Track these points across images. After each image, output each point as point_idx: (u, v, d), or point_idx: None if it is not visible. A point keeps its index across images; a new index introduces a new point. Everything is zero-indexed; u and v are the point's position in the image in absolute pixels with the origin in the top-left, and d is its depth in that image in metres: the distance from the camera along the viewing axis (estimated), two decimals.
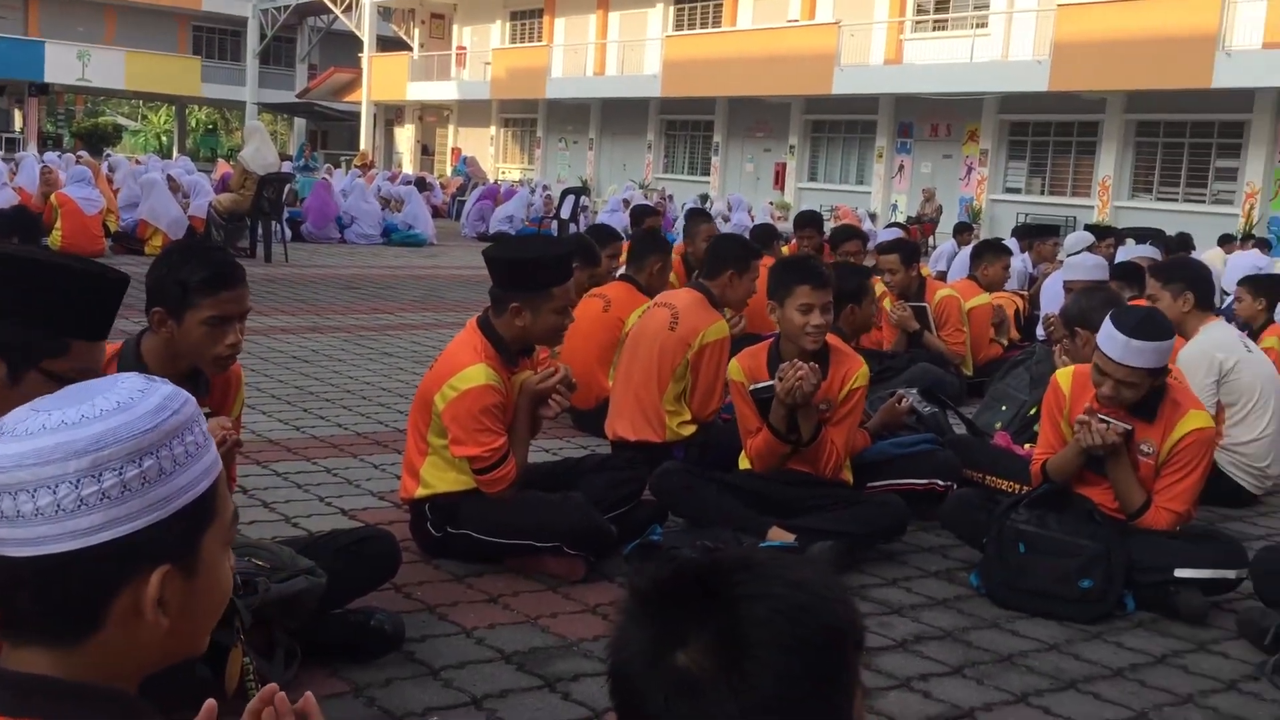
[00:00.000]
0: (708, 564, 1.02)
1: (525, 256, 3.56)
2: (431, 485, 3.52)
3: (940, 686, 2.92)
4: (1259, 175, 20.60)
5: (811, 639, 0.97)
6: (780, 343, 3.97)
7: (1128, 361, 3.49)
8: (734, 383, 4.07)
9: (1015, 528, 3.63)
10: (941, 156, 25.97)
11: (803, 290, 3.83)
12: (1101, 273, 6.34)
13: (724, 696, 0.93)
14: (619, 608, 1.01)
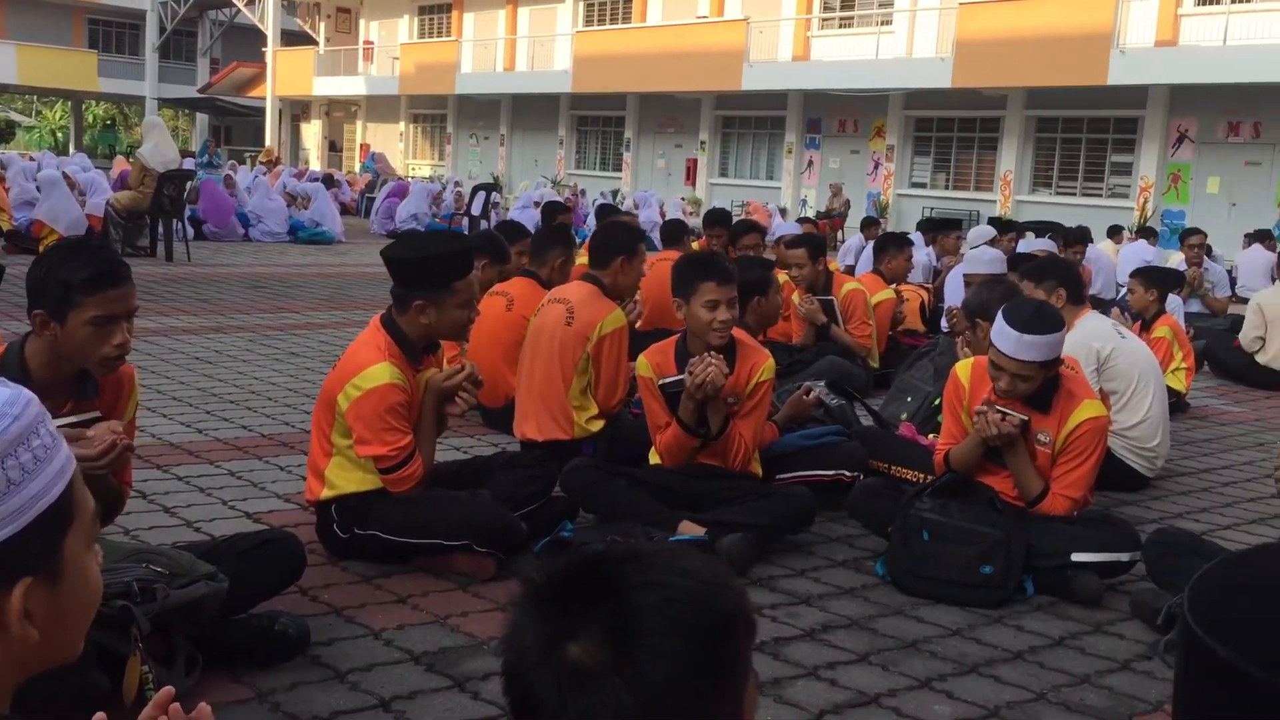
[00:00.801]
0: (598, 556, 1.02)
1: (426, 254, 3.52)
2: (337, 486, 3.47)
3: (846, 674, 2.96)
4: (1152, 169, 21.27)
5: (703, 627, 0.98)
6: (687, 338, 4.00)
7: (1020, 356, 3.58)
8: (642, 378, 4.08)
9: (919, 516, 3.70)
10: (849, 152, 26.34)
11: (708, 286, 3.86)
12: (1000, 266, 6.49)
13: (617, 687, 0.94)
14: (512, 604, 1.01)
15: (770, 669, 2.95)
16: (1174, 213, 20.60)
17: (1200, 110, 20.63)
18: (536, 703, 0.96)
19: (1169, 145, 21.20)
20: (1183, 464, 5.55)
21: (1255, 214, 18.91)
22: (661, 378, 3.98)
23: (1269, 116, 19.89)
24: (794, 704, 2.77)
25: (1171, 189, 21.21)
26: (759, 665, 2.95)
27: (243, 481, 4.37)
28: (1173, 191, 21.18)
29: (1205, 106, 20.46)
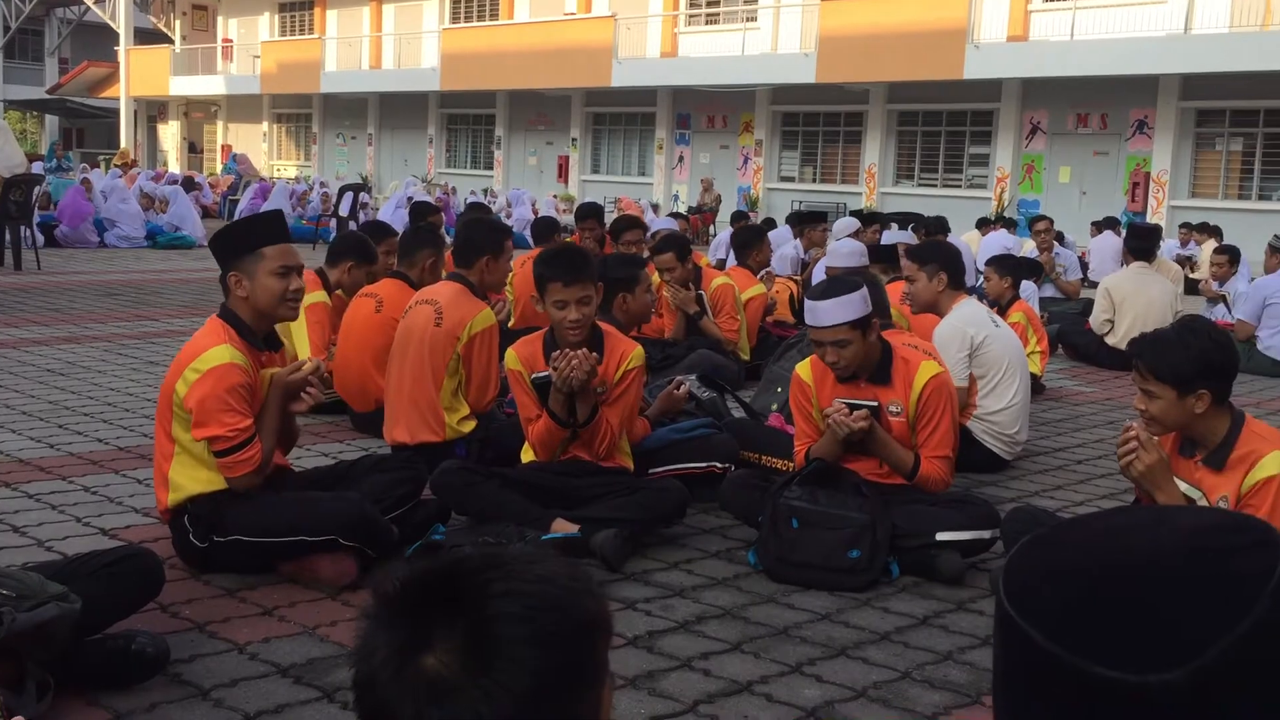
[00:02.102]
0: (455, 563, 1.00)
1: (230, 226, 3.59)
2: (182, 487, 3.36)
3: (720, 663, 3.00)
4: (1008, 160, 22.04)
5: (562, 633, 0.97)
6: (555, 331, 4.01)
7: (821, 322, 3.74)
8: (512, 371, 4.07)
9: (788, 505, 3.76)
10: (719, 147, 26.65)
11: (554, 287, 3.88)
12: (860, 258, 6.64)
13: (475, 698, 0.92)
14: (364, 614, 0.99)
15: (644, 662, 2.97)
16: (1029, 202, 21.38)
17: (1051, 103, 21.45)
18: (390, 714, 0.94)
19: (1023, 137, 22.00)
20: (1039, 444, 5.76)
21: (1104, 201, 19.77)
22: (531, 370, 3.98)
23: (1115, 108, 20.79)
24: (668, 696, 2.79)
25: (1026, 179, 22.01)
26: (633, 660, 2.98)
27: (98, 497, 4.21)
28: (1027, 182, 21.99)
29: (1055, 99, 21.29)
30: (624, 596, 3.44)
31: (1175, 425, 3.14)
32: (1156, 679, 0.66)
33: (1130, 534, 0.76)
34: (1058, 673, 0.70)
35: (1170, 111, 20.07)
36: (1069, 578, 0.74)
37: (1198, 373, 3.02)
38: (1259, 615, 0.66)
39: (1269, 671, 0.66)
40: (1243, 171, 19.92)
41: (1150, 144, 20.41)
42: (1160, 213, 19.71)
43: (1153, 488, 3.07)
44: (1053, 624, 0.71)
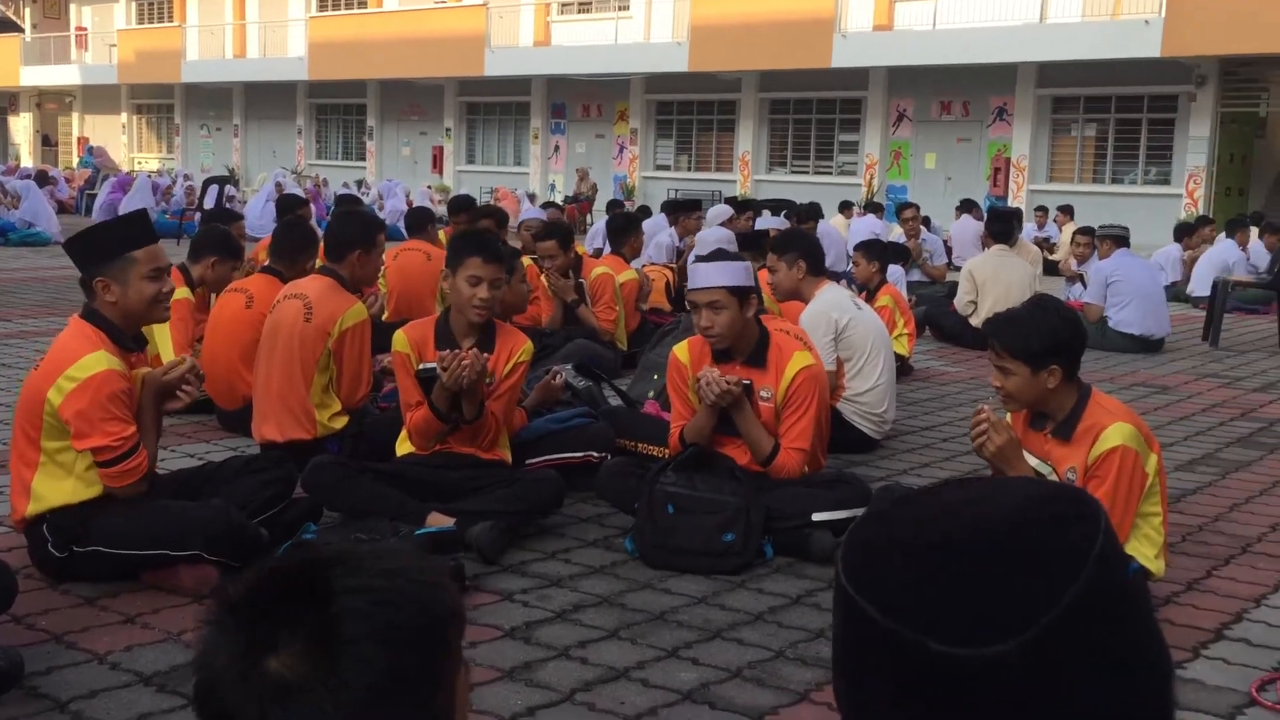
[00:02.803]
0: (300, 563, 0.98)
1: (93, 229, 3.44)
2: (46, 499, 3.23)
3: (597, 651, 3.01)
4: (877, 147, 22.54)
5: (412, 627, 0.95)
6: (450, 315, 3.98)
7: (699, 283, 3.84)
8: (399, 354, 4.01)
9: (664, 491, 3.79)
10: (595, 136, 26.64)
11: (473, 262, 3.86)
12: (729, 245, 6.72)
13: (322, 698, 0.90)
14: (204, 619, 0.96)
15: (521, 653, 2.96)
16: (897, 188, 21.91)
17: (916, 91, 22.00)
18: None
19: (890, 124, 22.51)
20: (907, 423, 5.92)
21: (968, 187, 20.34)
22: (419, 356, 3.93)
23: (976, 96, 21.43)
24: (545, 686, 2.79)
25: (894, 166, 22.55)
26: (510, 651, 2.97)
27: None
28: (895, 168, 22.52)
29: (921, 87, 21.84)
30: (501, 588, 3.43)
31: (1029, 401, 3.27)
32: (989, 652, 0.67)
33: (964, 508, 0.77)
34: (894, 648, 0.70)
35: (1028, 99, 20.77)
36: (905, 553, 0.75)
37: (1049, 349, 3.16)
38: (1084, 585, 0.68)
39: (1096, 638, 0.68)
40: (1096, 156, 20.74)
41: (1010, 130, 21.09)
42: (1021, 196, 20.38)
43: (1005, 466, 3.20)
44: (889, 600, 0.71)
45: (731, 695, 2.78)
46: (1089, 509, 0.75)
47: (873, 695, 0.73)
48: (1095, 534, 0.72)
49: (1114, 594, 0.71)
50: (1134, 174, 20.35)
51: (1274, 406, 6.61)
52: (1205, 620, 3.35)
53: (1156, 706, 0.73)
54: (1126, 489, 3.17)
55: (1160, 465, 3.33)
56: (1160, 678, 0.73)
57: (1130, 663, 0.71)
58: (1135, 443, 3.19)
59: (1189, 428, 6.01)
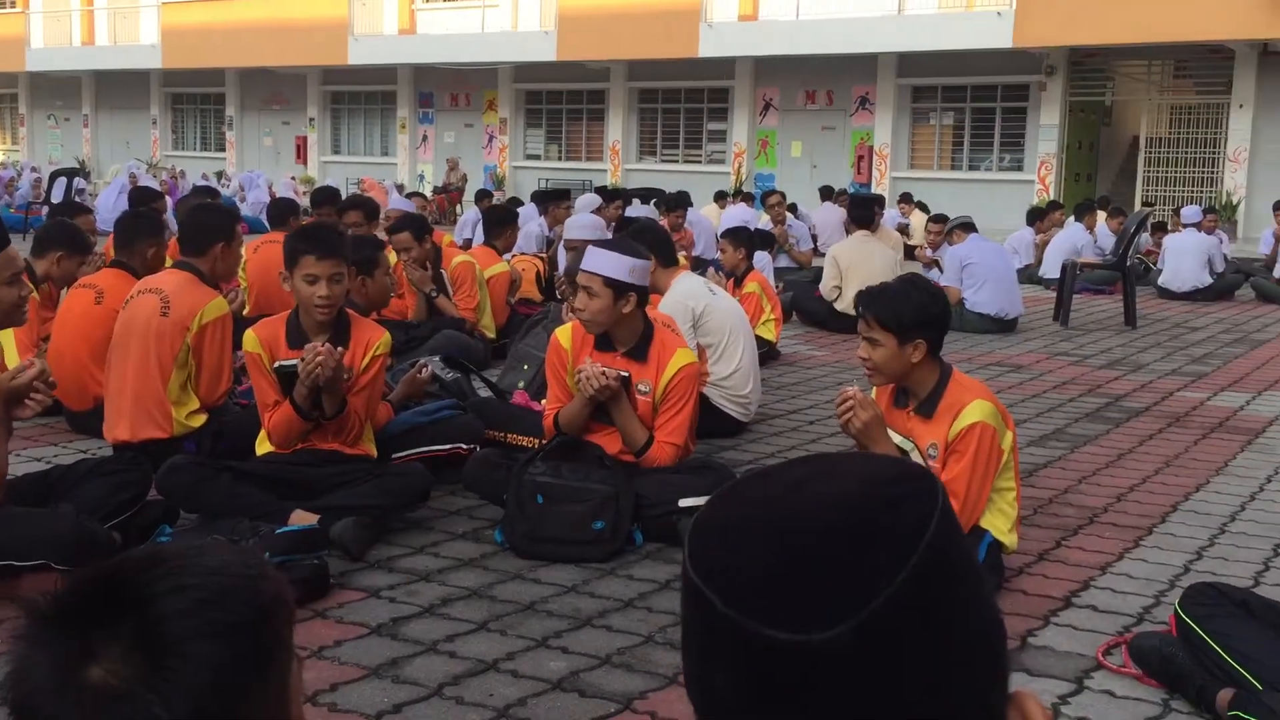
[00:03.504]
0: (114, 567, 0.95)
1: None
2: None
3: (466, 644, 2.99)
4: (744, 136, 22.83)
5: (237, 623, 0.93)
6: (299, 313, 3.88)
7: (587, 267, 3.84)
8: (251, 355, 3.90)
9: (533, 481, 3.78)
10: (464, 126, 26.37)
11: (307, 260, 3.76)
12: (596, 232, 6.74)
13: (150, 702, 0.87)
14: (16, 635, 0.92)
15: (388, 650, 2.92)
16: (765, 176, 22.24)
17: (782, 80, 22.35)
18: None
19: (757, 113, 22.83)
20: (774, 407, 6.03)
21: (833, 174, 20.77)
22: (272, 355, 3.83)
23: (839, 85, 21.88)
24: (412, 681, 2.76)
25: (761, 154, 22.88)
26: (376, 649, 2.93)
27: None
28: (763, 156, 22.85)
29: (786, 77, 22.19)
30: (367, 585, 3.37)
31: (895, 374, 3.37)
32: (821, 637, 0.67)
33: (805, 487, 0.77)
34: (734, 635, 0.70)
35: (889, 88, 21.29)
36: (744, 537, 0.74)
37: (916, 322, 3.27)
38: (915, 566, 0.68)
39: (930, 619, 0.69)
40: (954, 143, 21.38)
41: (872, 119, 21.59)
42: (884, 184, 20.90)
43: (870, 442, 3.29)
44: (728, 585, 0.71)
45: (601, 682, 2.79)
46: (927, 489, 0.74)
47: (717, 681, 0.73)
48: (931, 514, 0.71)
49: (949, 574, 0.71)
50: (989, 161, 21.05)
51: (1120, 383, 6.93)
52: (1055, 589, 3.49)
53: (990, 680, 0.74)
54: (984, 465, 3.29)
55: (1015, 443, 3.46)
56: (995, 654, 0.75)
57: (966, 640, 0.72)
58: (993, 420, 3.31)
59: (1041, 405, 6.25)
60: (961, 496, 3.25)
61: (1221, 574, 3.55)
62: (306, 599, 3.18)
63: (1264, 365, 7.64)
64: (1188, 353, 8.13)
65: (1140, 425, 5.77)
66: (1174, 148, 19.62)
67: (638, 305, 3.98)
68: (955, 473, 3.27)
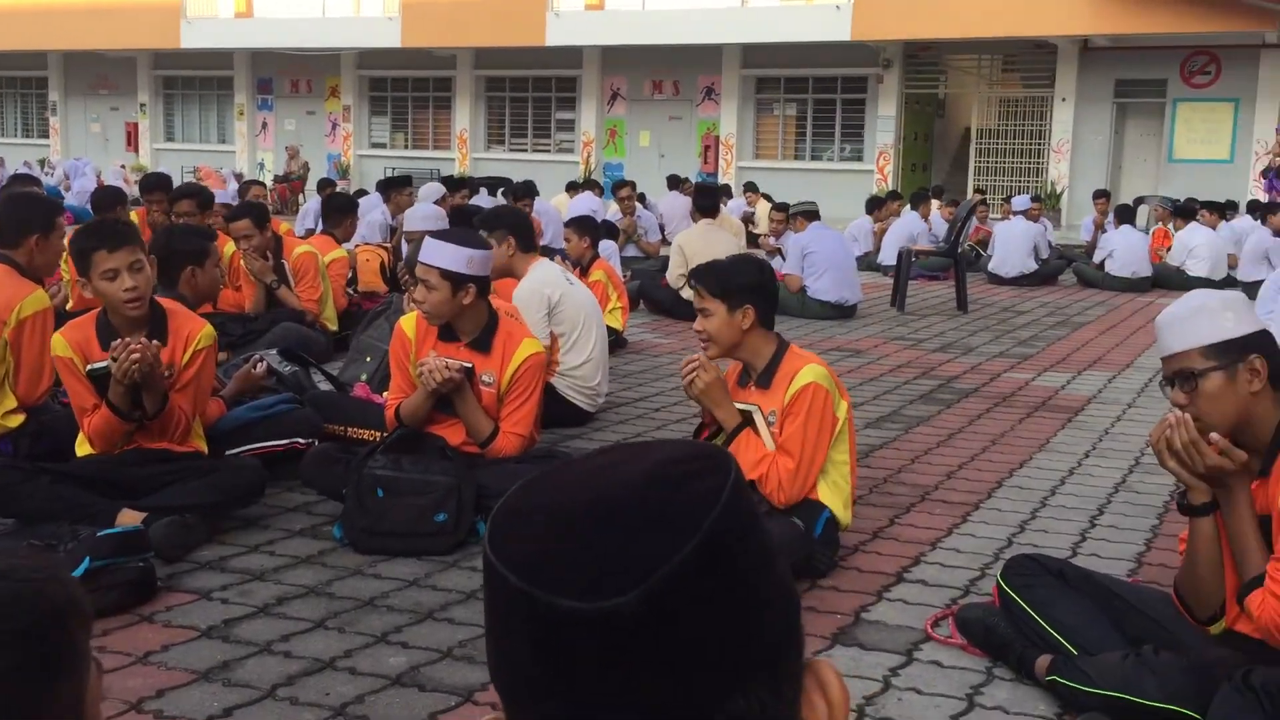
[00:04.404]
0: None
1: None
2: None
3: (302, 643, 2.92)
4: (593, 126, 22.86)
5: (25, 629, 0.90)
6: (109, 312, 3.70)
7: (425, 259, 3.80)
8: (61, 359, 3.72)
9: (372, 474, 3.72)
10: (305, 113, 25.69)
11: (99, 256, 3.59)
12: (438, 222, 6.66)
13: None
14: None
15: (218, 653, 2.83)
16: (614, 165, 22.32)
17: (629, 70, 22.45)
18: None
19: (605, 103, 22.88)
20: (621, 395, 6.06)
21: (680, 164, 20.96)
22: (85, 357, 3.65)
23: (686, 75, 22.10)
24: (244, 684, 2.68)
25: (610, 143, 22.95)
26: (206, 652, 2.84)
27: None
28: (611, 146, 22.93)
29: (633, 66, 22.30)
30: (198, 587, 3.26)
31: (729, 343, 3.47)
32: (609, 605, 0.68)
33: (607, 470, 0.78)
34: (528, 608, 0.71)
35: (734, 79, 21.62)
36: (543, 516, 0.75)
37: (741, 287, 3.43)
38: (704, 537, 0.70)
39: (719, 588, 0.70)
40: (797, 134, 21.85)
41: (718, 109, 21.89)
42: (730, 173, 21.22)
43: (712, 405, 3.46)
44: (524, 561, 0.72)
45: (441, 676, 2.77)
46: (720, 464, 0.77)
47: (516, 659, 0.74)
48: (722, 487, 0.74)
49: (739, 545, 0.73)
50: (831, 151, 21.59)
51: (951, 365, 7.20)
52: (888, 565, 3.61)
53: (783, 648, 0.76)
54: (818, 424, 3.39)
55: (850, 415, 3.55)
56: (788, 623, 0.77)
57: (757, 609, 0.73)
58: (826, 382, 3.42)
59: (878, 387, 6.45)
60: (796, 455, 3.37)
61: (1042, 546, 3.72)
62: (132, 603, 3.06)
63: (1083, 347, 8.05)
64: (1014, 335, 8.51)
65: (970, 405, 6.01)
66: (1003, 139, 20.47)
67: (479, 296, 3.94)
68: (790, 432, 3.39)
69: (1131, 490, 4.49)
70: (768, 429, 3.45)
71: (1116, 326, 9.08)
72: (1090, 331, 8.81)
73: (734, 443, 3.43)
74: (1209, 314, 2.46)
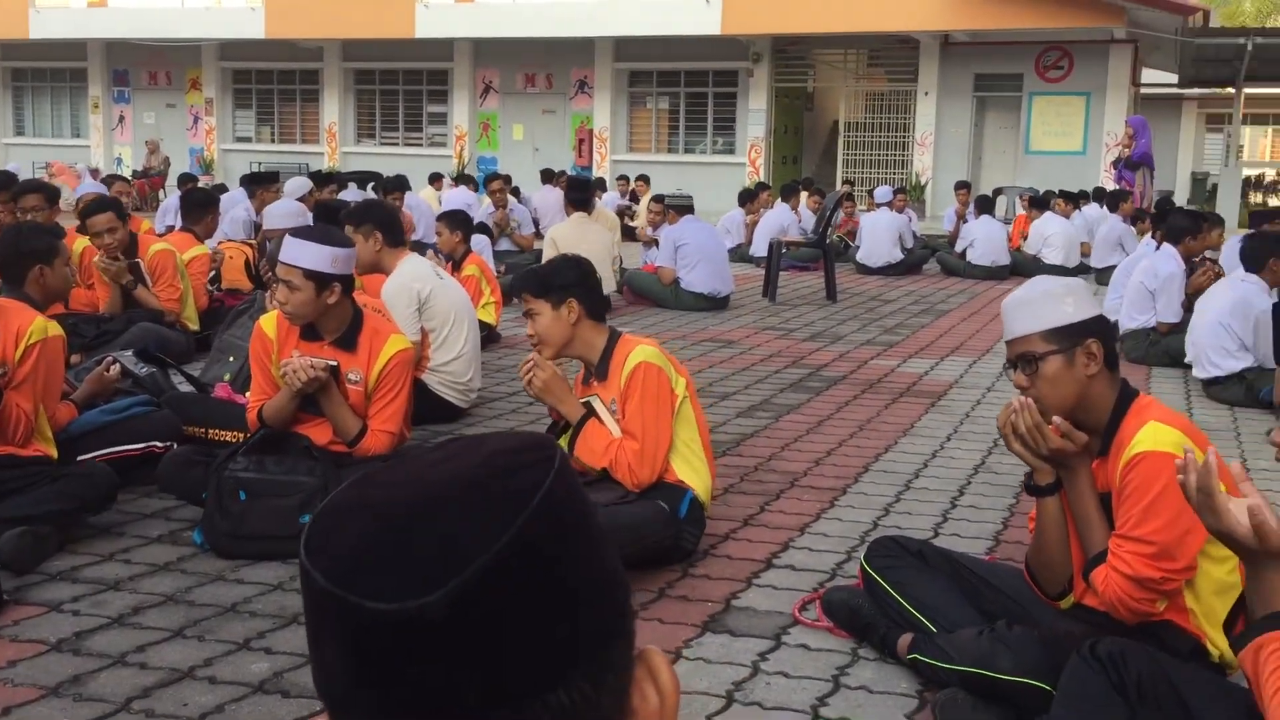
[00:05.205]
0: None
1: None
2: None
3: (159, 653, 2.82)
4: (465, 119, 22.62)
5: None
6: None
7: (286, 259, 3.73)
8: None
9: (234, 476, 3.62)
10: (165, 106, 24.86)
11: None
12: (300, 218, 6.51)
13: None
14: None
15: (69, 666, 2.72)
16: (487, 159, 22.14)
17: (501, 63, 22.28)
18: None
19: (477, 96, 22.67)
20: (494, 390, 6.02)
21: (554, 157, 20.92)
22: None
23: (559, 69, 22.03)
24: (97, 698, 2.58)
25: (483, 137, 22.75)
26: (55, 666, 2.72)
27: None
28: (485, 139, 22.73)
29: (505, 59, 22.14)
30: (47, 599, 3.13)
31: (560, 341, 3.48)
32: (415, 605, 0.66)
33: (436, 466, 0.77)
34: (339, 611, 0.69)
35: (607, 72, 21.63)
36: (358, 513, 0.73)
37: (561, 283, 3.47)
38: (516, 533, 0.68)
39: (531, 586, 0.69)
40: (670, 127, 21.99)
41: (591, 103, 21.88)
42: (604, 166, 21.24)
43: (555, 401, 3.51)
44: (335, 563, 0.70)
45: (305, 681, 2.70)
46: (545, 455, 0.75)
47: (329, 665, 0.72)
48: (544, 478, 0.72)
49: (561, 537, 0.72)
50: (704, 144, 21.78)
51: (821, 353, 7.34)
52: (757, 552, 3.66)
53: (608, 638, 0.75)
54: (655, 402, 3.42)
55: (692, 392, 3.58)
56: (616, 613, 0.76)
57: (583, 600, 0.73)
58: (657, 360, 3.46)
59: (750, 377, 6.54)
60: (640, 435, 3.40)
61: (906, 528, 3.82)
62: None
63: (946, 334, 8.29)
64: (881, 323, 8.72)
65: (839, 393, 6.13)
66: (869, 132, 20.93)
67: (344, 294, 3.86)
68: (630, 413, 3.43)
69: (991, 471, 4.64)
70: (610, 416, 3.48)
71: (977, 313, 9.38)
72: (953, 319, 9.08)
73: (580, 434, 3.45)
74: (1050, 299, 2.56)
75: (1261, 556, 1.84)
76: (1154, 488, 2.40)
